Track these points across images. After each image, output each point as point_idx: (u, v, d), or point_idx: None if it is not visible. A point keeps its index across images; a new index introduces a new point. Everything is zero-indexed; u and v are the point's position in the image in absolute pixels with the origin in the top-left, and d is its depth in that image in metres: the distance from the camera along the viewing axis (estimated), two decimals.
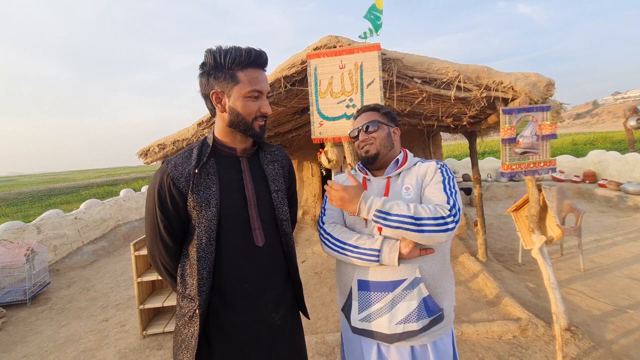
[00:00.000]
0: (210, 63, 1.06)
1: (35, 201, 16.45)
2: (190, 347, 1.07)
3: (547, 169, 2.49)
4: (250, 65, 1.07)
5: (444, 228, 1.10)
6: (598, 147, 13.23)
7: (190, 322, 1.08)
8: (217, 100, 1.10)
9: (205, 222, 1.06)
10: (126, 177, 30.83)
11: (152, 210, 1.09)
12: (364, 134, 1.35)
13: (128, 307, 3.73)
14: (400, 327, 1.16)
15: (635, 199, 6.16)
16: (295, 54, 2.78)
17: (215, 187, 1.08)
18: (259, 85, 1.08)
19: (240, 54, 1.04)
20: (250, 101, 1.08)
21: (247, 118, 1.09)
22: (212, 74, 1.07)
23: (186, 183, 1.06)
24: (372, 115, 1.38)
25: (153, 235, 1.11)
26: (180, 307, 1.13)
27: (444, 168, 1.28)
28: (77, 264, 5.42)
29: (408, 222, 1.10)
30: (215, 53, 1.05)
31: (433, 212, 1.11)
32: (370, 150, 1.33)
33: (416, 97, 2.94)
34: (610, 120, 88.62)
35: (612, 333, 2.60)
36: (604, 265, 3.89)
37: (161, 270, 1.18)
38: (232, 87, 1.07)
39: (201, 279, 1.06)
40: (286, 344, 1.21)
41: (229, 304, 1.11)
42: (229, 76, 1.06)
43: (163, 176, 1.07)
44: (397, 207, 1.13)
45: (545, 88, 2.41)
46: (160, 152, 3.45)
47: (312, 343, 2.60)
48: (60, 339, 3.17)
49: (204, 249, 1.06)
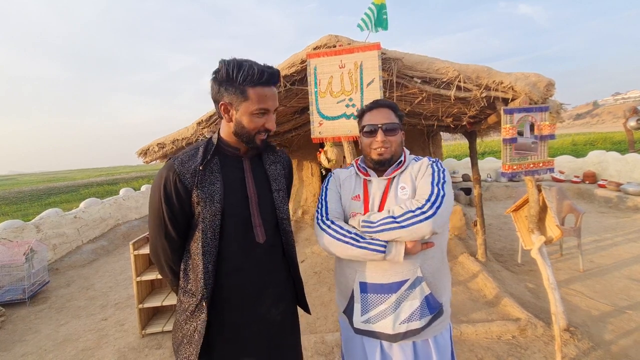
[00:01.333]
0: (223, 75, 1.07)
1: (35, 200, 16.45)
2: (193, 341, 1.08)
3: (545, 169, 2.49)
4: (262, 84, 1.07)
5: (423, 217, 1.11)
6: (598, 147, 13.23)
7: (193, 317, 1.09)
8: (225, 111, 1.12)
9: (209, 217, 1.09)
10: (126, 176, 30.83)
11: (157, 205, 1.11)
12: (382, 134, 1.26)
13: (127, 306, 3.73)
14: (404, 326, 1.17)
15: (635, 200, 6.16)
16: (295, 53, 2.78)
17: (219, 184, 1.12)
18: (267, 104, 1.10)
19: (253, 72, 1.04)
20: (256, 117, 1.10)
21: (250, 132, 1.12)
22: (223, 85, 1.09)
23: (191, 179, 1.09)
24: (390, 115, 1.29)
25: (158, 231, 1.12)
26: (181, 302, 1.15)
27: (436, 164, 1.27)
28: (76, 263, 5.41)
29: (389, 222, 1.13)
30: (228, 67, 1.05)
31: (409, 206, 1.15)
32: (385, 154, 1.26)
33: (416, 97, 2.94)
34: (611, 121, 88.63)
35: (611, 333, 2.60)
36: (603, 266, 3.88)
37: (163, 266, 1.19)
38: (241, 102, 1.08)
39: (206, 272, 1.08)
40: (285, 340, 1.23)
41: (229, 299, 1.13)
42: (239, 91, 1.07)
43: (169, 172, 1.10)
44: (377, 214, 1.18)
45: (545, 88, 2.40)
46: (159, 151, 3.45)
47: (311, 343, 2.60)
48: (59, 338, 3.16)
49: (209, 243, 1.09)
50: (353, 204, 1.31)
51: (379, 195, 1.27)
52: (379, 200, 1.26)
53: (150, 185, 8.04)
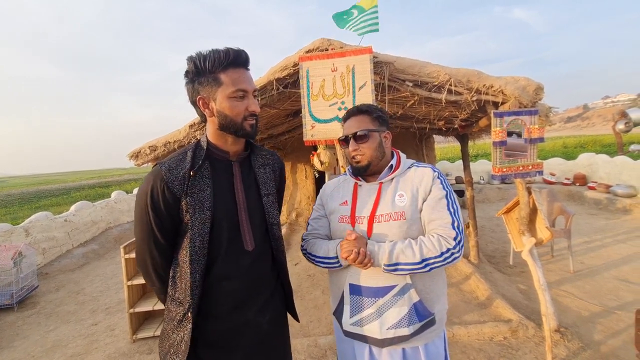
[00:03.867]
0: (192, 69, 1.06)
1: (25, 203, 16.19)
2: (180, 351, 1.05)
3: (534, 172, 2.53)
4: (231, 65, 1.06)
5: (450, 260, 1.13)
6: (588, 150, 13.46)
7: (180, 326, 1.07)
8: (204, 105, 1.09)
9: (198, 224, 1.05)
10: (118, 178, 30.50)
11: (143, 212, 1.07)
12: (354, 143, 1.26)
13: (118, 311, 3.68)
14: (391, 332, 1.16)
15: (624, 202, 6.26)
16: (287, 57, 2.79)
17: (209, 190, 1.08)
18: (242, 85, 1.07)
19: (219, 55, 1.04)
20: (236, 101, 1.07)
21: (235, 119, 1.08)
22: (195, 80, 1.07)
23: (180, 186, 1.06)
24: (363, 121, 1.28)
25: (146, 238, 1.09)
26: (169, 310, 1.12)
27: (442, 178, 1.24)
28: (66, 267, 5.33)
29: (418, 268, 1.12)
30: (195, 59, 1.05)
31: (438, 247, 1.12)
32: (361, 162, 1.27)
33: (408, 100, 2.97)
34: (600, 124, 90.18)
35: (601, 334, 2.63)
36: (593, 267, 3.94)
37: (151, 274, 1.15)
38: (216, 89, 1.06)
39: (194, 281, 1.05)
40: (272, 349, 1.20)
41: (216, 307, 1.10)
42: (212, 79, 1.06)
43: (157, 179, 1.06)
44: (403, 255, 1.13)
45: (534, 92, 2.44)
46: (151, 153, 3.42)
47: (305, 346, 2.59)
48: (48, 344, 3.11)
49: (197, 251, 1.05)
50: (341, 209, 1.31)
51: (370, 200, 1.26)
52: (370, 206, 1.25)
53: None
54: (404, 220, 1.19)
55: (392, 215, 1.20)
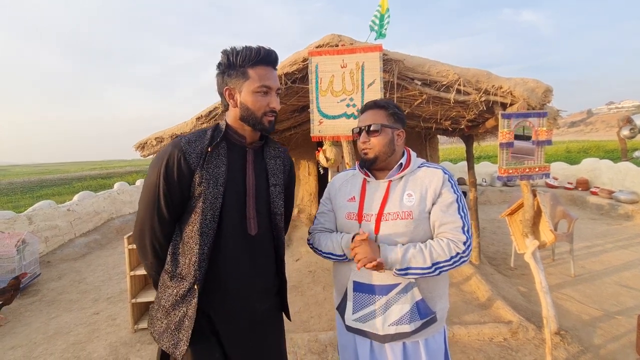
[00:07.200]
0: (225, 62, 1.13)
1: (27, 192, 16.23)
2: (183, 327, 1.07)
3: (541, 174, 2.52)
4: (260, 62, 1.13)
5: (459, 263, 1.16)
6: (591, 155, 13.40)
7: (183, 302, 1.08)
8: (230, 96, 1.16)
9: (211, 198, 1.09)
10: (120, 170, 30.56)
11: (155, 181, 1.10)
12: (365, 135, 1.28)
13: (120, 301, 3.70)
14: (392, 328, 1.18)
15: (626, 208, 6.25)
16: (297, 51, 2.78)
17: (224, 168, 1.13)
18: (267, 81, 1.13)
19: (251, 52, 1.11)
20: (259, 96, 1.13)
21: (256, 113, 1.14)
22: (226, 72, 1.15)
23: (197, 159, 1.10)
24: (378, 115, 1.29)
25: (150, 209, 1.10)
26: (167, 287, 1.12)
27: (452, 181, 1.25)
28: (68, 256, 5.36)
29: (428, 272, 1.15)
30: (228, 53, 1.12)
31: (448, 251, 1.15)
32: (369, 154, 1.28)
33: (416, 99, 2.96)
34: (604, 130, 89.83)
35: (600, 338, 2.64)
36: (594, 272, 3.94)
37: (146, 247, 1.14)
38: (243, 83, 1.13)
39: (202, 254, 1.08)
40: (269, 336, 1.25)
41: (219, 286, 1.13)
42: (241, 73, 1.13)
43: (175, 149, 1.10)
44: (414, 259, 1.15)
45: (543, 94, 2.43)
46: (157, 145, 3.42)
47: (305, 341, 2.60)
48: (50, 331, 3.13)
49: (208, 224, 1.09)
50: (349, 205, 1.32)
51: (378, 197, 1.27)
52: (378, 204, 1.25)
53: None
54: (411, 220, 1.20)
55: (400, 214, 1.21)
